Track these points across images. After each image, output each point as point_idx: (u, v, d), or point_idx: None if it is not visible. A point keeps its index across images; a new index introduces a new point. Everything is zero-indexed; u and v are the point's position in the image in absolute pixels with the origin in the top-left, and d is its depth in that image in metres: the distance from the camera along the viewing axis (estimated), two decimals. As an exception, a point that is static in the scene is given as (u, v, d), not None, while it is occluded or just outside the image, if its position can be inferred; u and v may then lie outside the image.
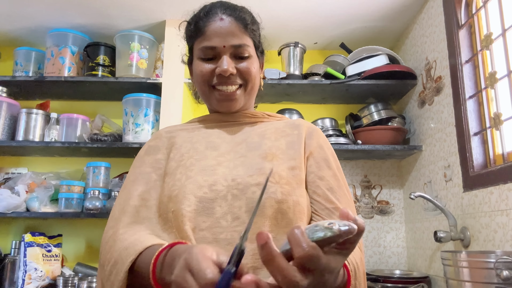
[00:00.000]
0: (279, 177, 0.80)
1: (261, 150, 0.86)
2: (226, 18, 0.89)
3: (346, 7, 2.00)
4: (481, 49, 1.53)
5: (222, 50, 0.88)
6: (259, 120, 0.97)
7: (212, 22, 0.89)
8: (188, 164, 0.84)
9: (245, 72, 0.90)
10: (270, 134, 0.91)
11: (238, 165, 0.83)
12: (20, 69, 2.19)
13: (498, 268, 1.00)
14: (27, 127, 2.07)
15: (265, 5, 1.97)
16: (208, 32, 0.89)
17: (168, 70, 2.08)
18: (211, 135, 0.92)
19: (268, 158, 0.83)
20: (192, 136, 0.92)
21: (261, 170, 0.81)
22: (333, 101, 2.34)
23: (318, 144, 0.90)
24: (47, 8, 2.03)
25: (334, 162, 0.89)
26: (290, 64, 2.16)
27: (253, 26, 0.93)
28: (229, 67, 0.87)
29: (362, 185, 2.28)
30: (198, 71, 0.91)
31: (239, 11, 0.92)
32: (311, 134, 0.92)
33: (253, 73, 0.91)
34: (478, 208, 1.45)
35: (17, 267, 1.92)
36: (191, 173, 0.81)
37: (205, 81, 0.90)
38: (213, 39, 0.88)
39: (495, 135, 1.47)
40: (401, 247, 2.20)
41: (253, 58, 0.92)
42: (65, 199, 1.97)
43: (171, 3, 1.98)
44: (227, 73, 0.87)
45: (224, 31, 0.88)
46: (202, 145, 0.89)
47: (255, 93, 0.97)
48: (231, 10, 0.91)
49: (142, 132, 2.02)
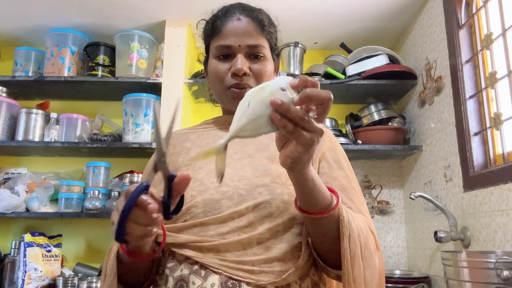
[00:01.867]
0: (285, 179, 0.80)
1: (269, 151, 0.86)
2: (243, 18, 0.90)
3: (346, 7, 2.00)
4: (481, 49, 1.53)
5: (237, 49, 0.89)
6: None
7: (229, 22, 0.90)
8: (196, 168, 0.85)
9: (258, 74, 0.90)
10: None
11: (245, 165, 0.84)
12: (20, 69, 2.19)
13: (498, 268, 1.00)
14: (27, 127, 2.07)
15: (265, 5, 1.96)
16: (225, 31, 0.90)
17: (168, 70, 2.08)
18: (220, 138, 0.93)
19: (275, 160, 0.84)
20: (202, 140, 0.93)
21: (266, 172, 0.81)
22: (333, 101, 2.32)
23: (329, 145, 0.91)
24: (47, 8, 2.03)
25: (346, 163, 0.90)
26: (290, 64, 2.16)
27: (270, 28, 0.94)
28: (243, 66, 0.87)
29: (362, 185, 2.28)
30: (213, 70, 0.92)
31: (257, 12, 0.93)
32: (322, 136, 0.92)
33: (266, 75, 0.91)
34: (478, 208, 1.45)
35: (17, 267, 1.91)
36: (198, 176, 0.82)
37: (220, 81, 0.91)
38: (229, 38, 0.89)
39: (495, 135, 1.46)
40: (401, 247, 2.20)
41: (267, 59, 0.92)
42: (65, 199, 1.97)
43: (171, 3, 1.98)
44: (241, 72, 0.87)
45: (241, 30, 0.89)
46: None
47: None
48: (248, 11, 0.92)
49: (142, 132, 2.02)
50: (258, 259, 0.74)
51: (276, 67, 1.01)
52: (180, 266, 0.77)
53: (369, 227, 0.77)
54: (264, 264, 0.74)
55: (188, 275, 0.75)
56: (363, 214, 0.81)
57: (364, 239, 0.73)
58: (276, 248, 0.75)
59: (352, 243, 0.71)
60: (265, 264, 0.74)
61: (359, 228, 0.73)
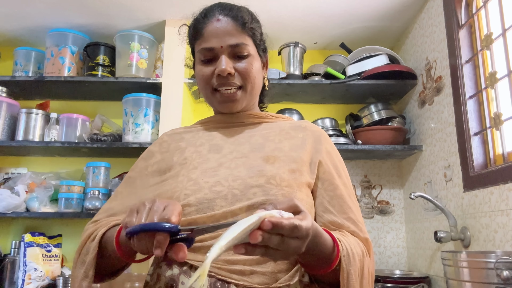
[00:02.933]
0: (280, 180, 0.80)
1: (263, 152, 0.86)
2: (223, 18, 0.89)
3: (346, 7, 2.00)
4: (481, 49, 1.53)
5: (220, 51, 0.88)
6: (263, 120, 0.97)
7: (209, 24, 0.90)
8: (190, 167, 0.85)
9: (244, 73, 0.89)
10: (274, 135, 0.91)
11: (239, 165, 0.84)
12: (20, 69, 2.19)
13: (498, 268, 1.00)
14: (27, 127, 2.07)
15: (265, 5, 1.97)
16: (206, 33, 0.89)
17: (168, 70, 2.08)
18: (214, 137, 0.93)
19: (270, 161, 0.84)
20: (197, 139, 0.94)
21: (261, 172, 0.81)
22: (333, 101, 2.34)
23: (326, 150, 0.91)
24: (47, 8, 2.03)
25: (342, 168, 0.91)
26: (290, 64, 2.16)
27: (252, 25, 0.93)
28: (227, 66, 0.87)
29: (362, 185, 2.28)
30: (199, 75, 0.92)
31: (236, 10, 0.92)
32: (319, 139, 0.92)
33: (253, 73, 0.91)
34: (478, 208, 1.45)
35: (17, 267, 1.92)
36: (193, 176, 0.82)
37: (207, 84, 0.91)
38: (211, 40, 0.88)
39: (495, 135, 1.46)
40: (401, 247, 2.20)
41: (252, 57, 0.91)
42: (65, 199, 1.97)
43: (171, 3, 1.98)
44: (225, 73, 0.87)
45: (221, 31, 0.88)
46: (206, 148, 0.90)
47: (257, 93, 0.97)
48: (228, 10, 0.91)
49: (142, 132, 2.02)
50: (249, 258, 0.74)
51: (264, 62, 1.00)
52: (172, 266, 0.78)
53: (363, 250, 0.78)
54: (256, 265, 0.74)
55: (178, 275, 0.75)
56: (358, 223, 0.83)
57: (366, 281, 0.75)
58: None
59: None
60: (257, 265, 0.74)
61: (358, 268, 0.74)
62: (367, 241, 0.82)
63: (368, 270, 0.78)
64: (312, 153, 0.89)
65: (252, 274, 0.73)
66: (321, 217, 0.84)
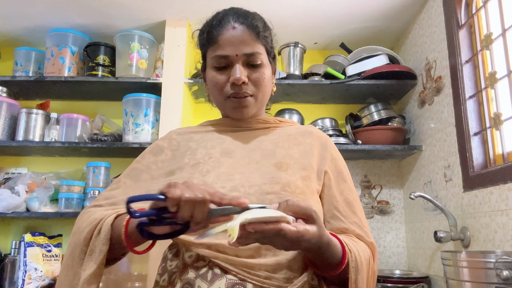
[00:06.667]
0: (294, 187, 0.82)
1: (275, 159, 0.88)
2: (238, 26, 0.90)
3: (346, 7, 2.00)
4: (481, 49, 1.53)
5: (235, 59, 0.89)
6: (272, 126, 0.99)
7: (224, 31, 0.90)
8: (204, 171, 0.85)
9: (256, 82, 0.91)
10: (283, 142, 0.93)
11: (253, 172, 0.85)
12: (20, 69, 2.18)
13: (498, 268, 1.00)
14: (27, 127, 2.07)
15: (265, 5, 1.97)
16: (221, 41, 0.90)
17: (168, 70, 2.08)
18: (225, 141, 0.94)
19: (283, 168, 0.85)
20: (207, 141, 0.94)
21: (274, 179, 0.82)
22: (333, 101, 2.34)
23: (332, 157, 0.93)
24: (47, 8, 2.03)
25: (346, 173, 0.94)
26: (290, 64, 2.16)
27: (265, 33, 0.95)
28: (242, 75, 0.88)
29: (362, 185, 2.28)
30: (212, 81, 0.93)
31: (251, 18, 0.93)
32: (325, 145, 0.95)
33: (265, 82, 0.93)
34: (478, 208, 1.45)
35: (17, 267, 1.92)
36: (208, 180, 0.83)
37: (220, 91, 0.92)
38: (226, 48, 0.89)
39: (495, 135, 1.46)
40: (401, 247, 2.20)
41: (265, 65, 0.93)
42: (65, 199, 1.97)
43: (171, 3, 1.98)
44: (240, 82, 0.88)
45: (237, 40, 0.89)
46: (217, 152, 0.91)
47: (266, 100, 0.99)
48: (243, 18, 0.92)
49: (142, 132, 2.02)
50: (265, 264, 0.75)
51: (273, 69, 1.02)
52: (187, 269, 0.78)
53: (369, 255, 0.83)
54: (272, 273, 0.76)
55: (194, 279, 0.75)
56: (364, 227, 0.87)
57: (370, 283, 0.80)
58: (284, 254, 0.77)
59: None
60: (274, 273, 0.76)
61: (365, 274, 0.78)
62: (372, 245, 0.86)
63: (373, 273, 0.81)
64: (319, 160, 0.91)
65: (268, 280, 0.75)
66: (329, 223, 0.87)
